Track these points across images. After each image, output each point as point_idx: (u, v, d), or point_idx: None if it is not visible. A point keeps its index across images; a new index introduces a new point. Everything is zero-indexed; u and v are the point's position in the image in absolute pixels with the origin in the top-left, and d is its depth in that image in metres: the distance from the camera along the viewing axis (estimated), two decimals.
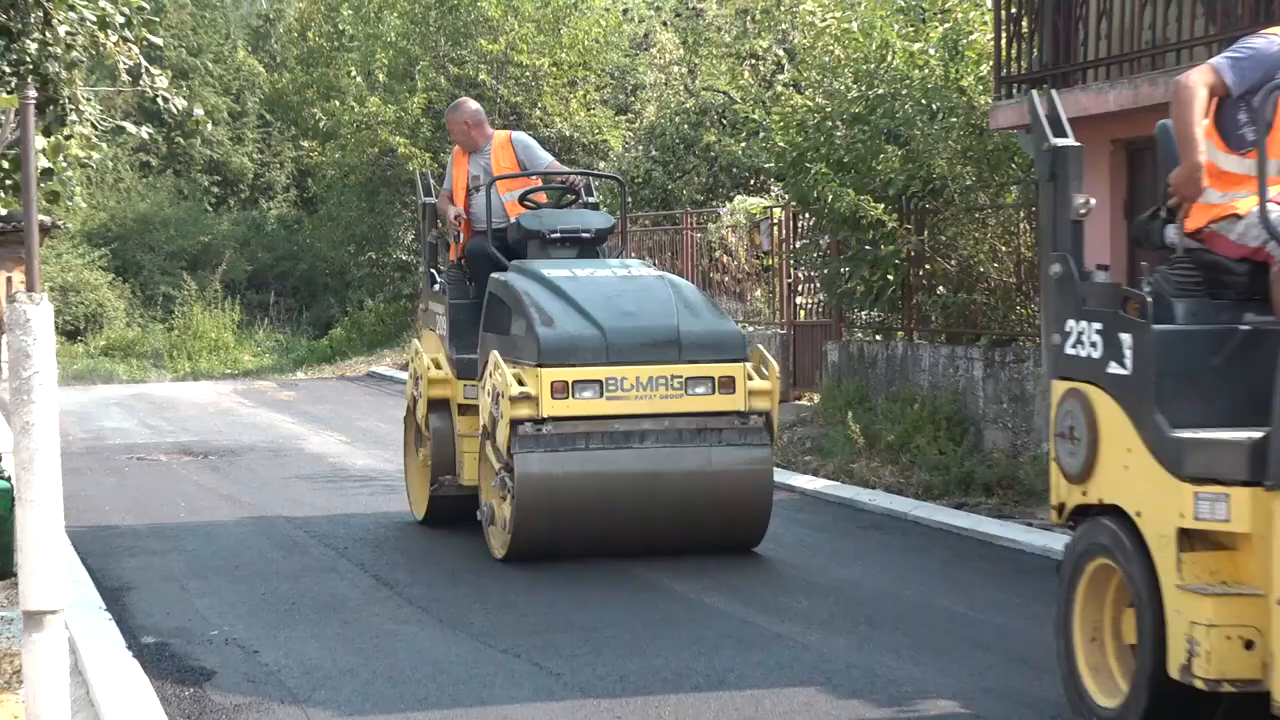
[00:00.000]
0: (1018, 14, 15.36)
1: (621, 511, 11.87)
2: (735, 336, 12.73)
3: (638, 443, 11.89)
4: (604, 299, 12.34)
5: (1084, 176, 7.99)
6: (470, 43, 36.60)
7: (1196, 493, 6.67)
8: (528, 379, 11.62)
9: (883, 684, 8.42)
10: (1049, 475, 8.03)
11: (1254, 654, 6.49)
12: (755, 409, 12.05)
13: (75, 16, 15.80)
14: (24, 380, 5.06)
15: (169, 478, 17.24)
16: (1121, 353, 7.26)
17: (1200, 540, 6.76)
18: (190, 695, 8.40)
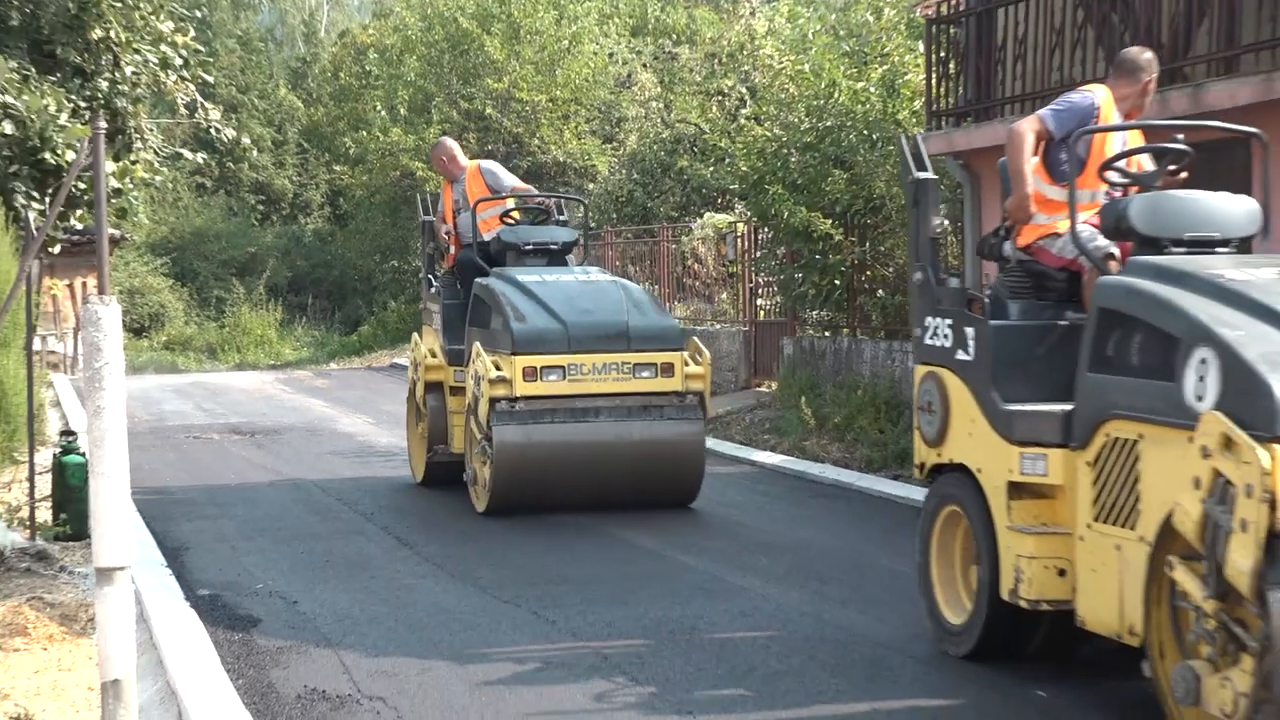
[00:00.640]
0: (945, 57, 15.37)
1: (580, 474, 12.34)
2: (675, 330, 13.27)
3: (594, 417, 12.39)
4: (567, 299, 12.82)
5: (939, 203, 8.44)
6: (478, 82, 36.62)
7: (1022, 454, 7.36)
8: (504, 365, 12.18)
9: (831, 630, 8.46)
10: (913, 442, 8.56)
11: (1065, 580, 7.16)
12: (691, 390, 12.56)
13: (140, 59, 15.74)
14: (96, 370, 5.04)
15: (221, 453, 17.20)
16: (967, 343, 7.89)
17: (1025, 491, 7.43)
18: (239, 640, 8.41)
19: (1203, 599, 5.89)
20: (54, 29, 15.01)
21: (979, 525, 7.74)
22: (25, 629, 8.48)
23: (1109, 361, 6.93)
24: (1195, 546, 5.97)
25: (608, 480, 12.45)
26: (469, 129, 36.67)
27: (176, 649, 7.84)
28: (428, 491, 13.68)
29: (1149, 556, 6.38)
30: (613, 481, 12.48)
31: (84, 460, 10.40)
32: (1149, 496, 6.46)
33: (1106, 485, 6.85)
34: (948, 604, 8.15)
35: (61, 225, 15.79)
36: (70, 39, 15.10)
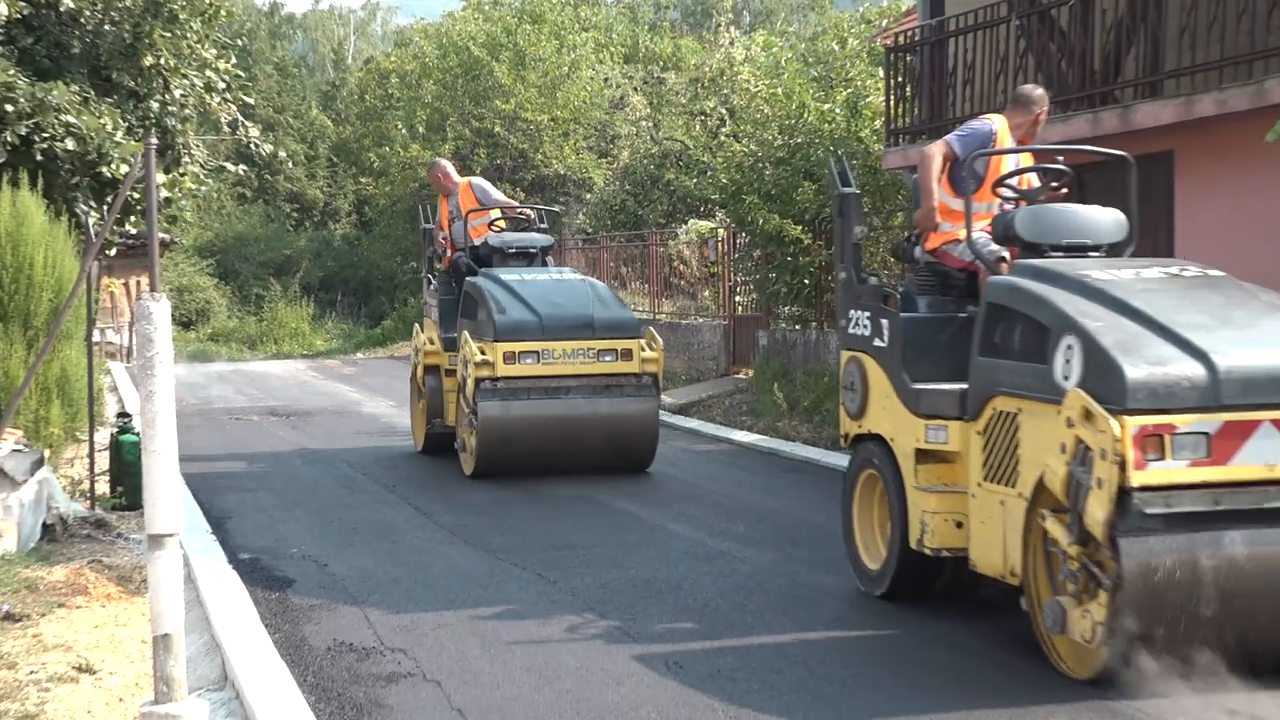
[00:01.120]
0: (902, 82, 15.38)
1: (552, 442, 12.87)
2: (632, 321, 13.72)
3: (564, 395, 12.88)
4: (542, 295, 13.30)
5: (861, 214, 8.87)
6: (488, 103, 36.57)
7: (927, 425, 7.74)
8: (488, 350, 12.68)
9: (802, 589, 8.48)
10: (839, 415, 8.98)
11: (961, 531, 7.55)
12: (646, 371, 13.09)
13: (188, 83, 15.73)
14: (148, 359, 5.04)
15: (259, 433, 17.19)
16: (882, 332, 8.24)
17: (929, 456, 7.78)
18: (275, 598, 8.42)
19: (1068, 545, 6.34)
20: (111, 56, 14.99)
21: (892, 485, 8.10)
22: (86, 588, 8.48)
23: (995, 347, 7.27)
24: (1062, 501, 6.41)
25: (575, 448, 12.93)
26: (480, 145, 36.63)
27: (220, 606, 7.85)
28: (443, 467, 13.65)
29: (1026, 510, 6.79)
30: (580, 449, 12.94)
31: (138, 439, 10.39)
32: (1026, 460, 6.84)
33: (993, 451, 7.22)
34: (866, 552, 8.51)
35: (118, 230, 15.79)
36: (125, 65, 15.08)
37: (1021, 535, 6.87)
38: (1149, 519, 6.07)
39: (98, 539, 10.19)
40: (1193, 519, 6.13)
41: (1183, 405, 6.18)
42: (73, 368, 12.86)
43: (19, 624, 7.68)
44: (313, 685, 6.60)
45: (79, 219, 14.00)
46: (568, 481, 12.66)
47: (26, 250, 12.46)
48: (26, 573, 8.86)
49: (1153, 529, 6.08)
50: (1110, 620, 6.10)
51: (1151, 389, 6.17)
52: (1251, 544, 6.14)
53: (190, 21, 15.47)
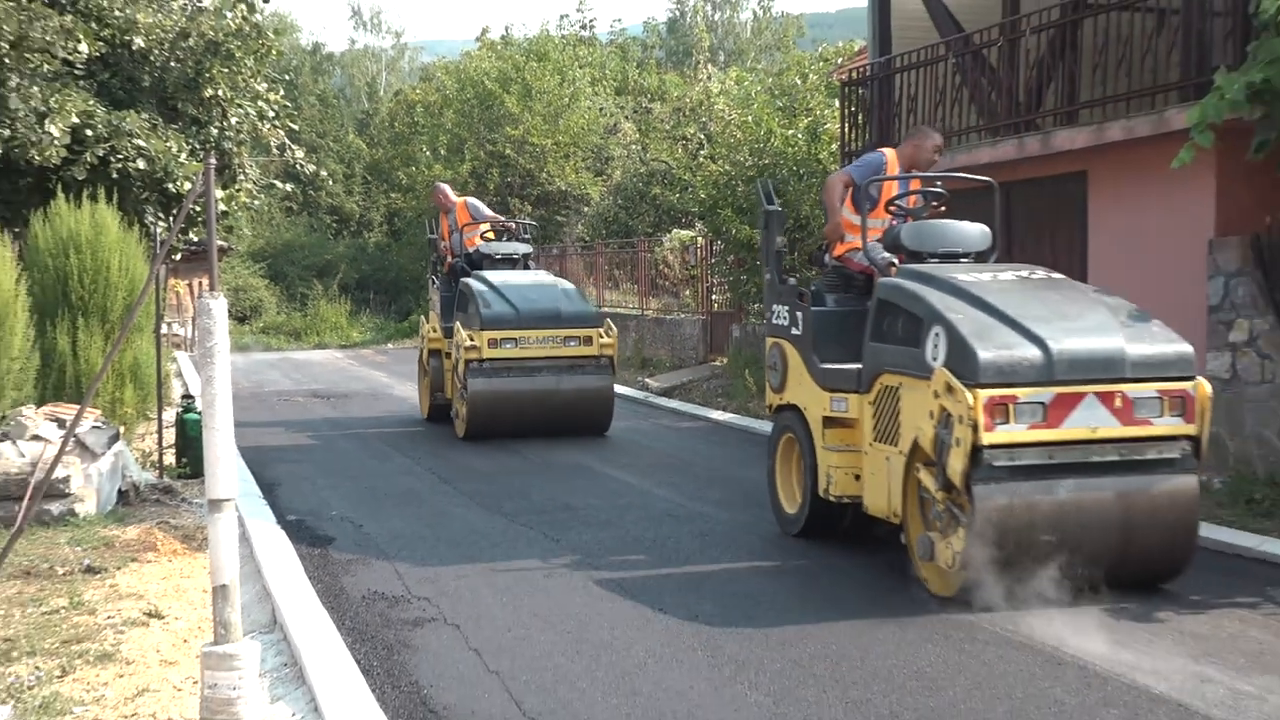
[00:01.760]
0: (855, 111, 15.37)
1: (527, 411, 13.62)
2: (593, 314, 14.44)
3: (537, 373, 13.61)
4: (520, 293, 13.92)
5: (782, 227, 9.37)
6: (500, 129, 36.59)
7: (831, 397, 8.25)
8: (476, 337, 13.44)
9: (774, 550, 8.50)
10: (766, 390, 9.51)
11: (858, 482, 8.03)
12: (603, 354, 13.78)
13: (243, 111, 15.71)
14: (207, 349, 5.02)
15: (304, 412, 17.17)
16: (798, 323, 8.74)
17: (834, 422, 8.25)
18: (318, 554, 8.41)
19: (935, 491, 6.91)
20: (176, 89, 14.95)
21: (805, 446, 8.54)
22: (155, 545, 8.48)
23: (883, 335, 7.74)
24: (931, 456, 6.95)
25: (546, 415, 13.68)
26: (493, 166, 36.60)
27: (270, 561, 7.85)
28: (460, 442, 13.66)
29: (905, 464, 7.32)
30: (549, 416, 13.69)
31: (199, 417, 10.38)
32: (905, 424, 7.36)
33: (880, 417, 7.72)
34: (785, 499, 8.99)
35: (182, 238, 15.76)
36: (189, 97, 15.05)
37: (901, 484, 7.40)
38: (997, 470, 6.67)
39: (165, 503, 10.20)
40: (1031, 470, 6.73)
41: (1023, 381, 6.73)
42: (144, 356, 12.85)
43: (98, 576, 7.68)
44: (349, 628, 6.61)
45: (148, 229, 13.97)
46: (566, 453, 12.71)
47: (104, 255, 12.44)
48: (104, 532, 8.87)
49: (1000, 478, 6.67)
50: (966, 550, 6.68)
51: (999, 368, 6.71)
52: (1077, 490, 6.76)
53: (245, 59, 15.44)
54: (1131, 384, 6.83)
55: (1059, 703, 5.39)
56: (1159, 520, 6.88)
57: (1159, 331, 7.14)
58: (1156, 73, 10.94)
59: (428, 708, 5.45)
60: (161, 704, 5.40)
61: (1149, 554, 6.97)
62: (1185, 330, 10.45)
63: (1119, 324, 7.08)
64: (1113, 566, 6.87)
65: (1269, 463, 9.57)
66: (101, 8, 14.00)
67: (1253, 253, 9.83)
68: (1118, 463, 6.83)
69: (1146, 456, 6.87)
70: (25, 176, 13.74)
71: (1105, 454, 6.80)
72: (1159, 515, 6.87)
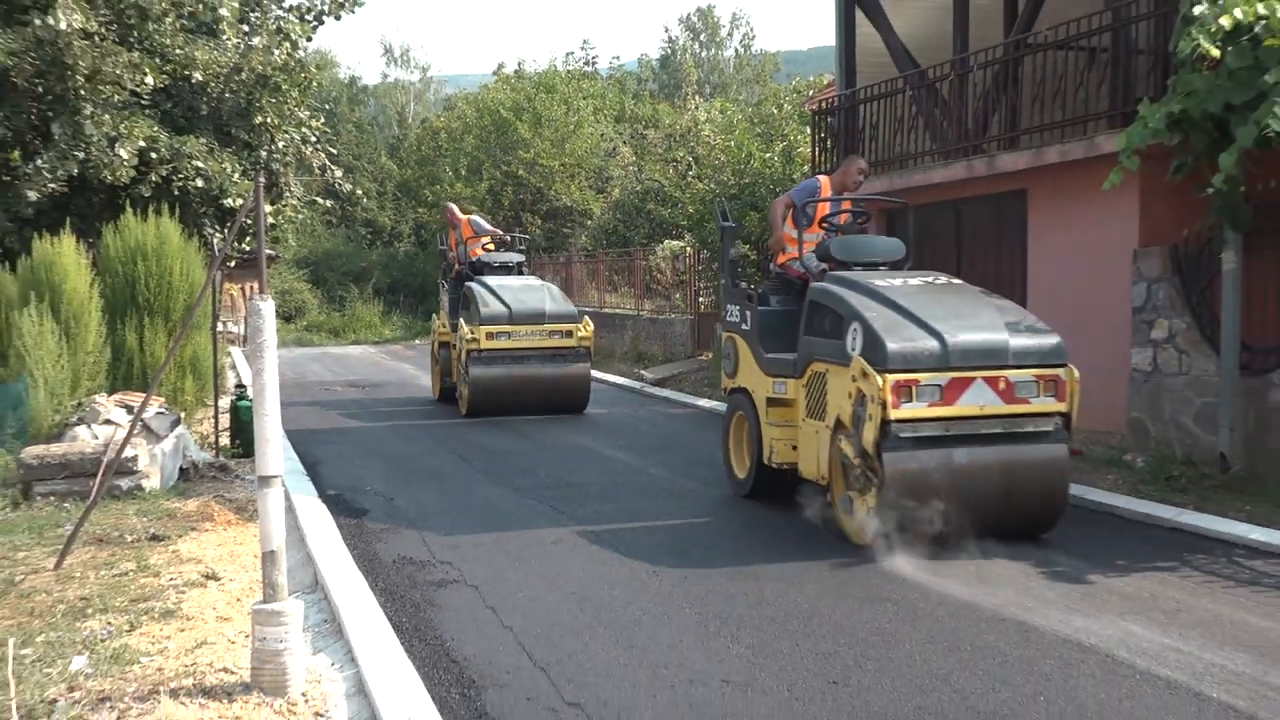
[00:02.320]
0: (825, 138, 15.35)
1: (519, 394, 14.27)
2: (573, 312, 14.72)
3: (526, 361, 14.26)
4: (513, 295, 14.52)
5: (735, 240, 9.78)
6: (514, 152, 36.58)
7: (774, 381, 8.61)
8: (475, 332, 14.13)
9: (754, 522, 8.46)
10: (720, 377, 9.90)
11: (795, 451, 8.43)
12: (581, 345, 14.41)
13: (289, 137, 15.68)
14: (258, 344, 5.01)
15: (342, 399, 17.15)
16: (747, 319, 9.13)
17: (775, 403, 8.61)
18: (354, 524, 8.40)
19: (853, 457, 7.33)
20: (230, 117, 14.91)
21: (752, 422, 8.92)
22: (212, 516, 8.47)
23: (814, 330, 8.09)
24: (850, 429, 7.41)
25: (533, 396, 14.33)
26: (507, 184, 36.56)
27: (313, 530, 7.85)
28: (476, 427, 13.66)
29: (830, 436, 7.76)
30: (536, 397, 14.34)
31: (250, 404, 10.37)
32: (830, 403, 7.79)
33: (811, 398, 8.12)
34: (737, 466, 9.38)
35: (235, 248, 15.70)
36: (241, 124, 15.01)
37: (828, 452, 7.82)
38: (902, 440, 7.11)
39: (221, 479, 10.19)
40: (931, 440, 7.17)
41: (924, 367, 7.16)
42: (202, 351, 12.83)
43: (161, 543, 7.67)
44: (381, 589, 6.60)
45: (206, 239, 13.94)
46: (570, 435, 12.68)
47: (167, 262, 12.42)
48: (167, 504, 8.86)
49: (905, 447, 7.11)
50: (878, 506, 7.14)
51: (904, 357, 7.15)
52: (969, 457, 7.18)
53: (290, 91, 15.40)
54: (1013, 370, 7.29)
55: (1002, 654, 5.39)
56: (1035, 482, 7.33)
57: (1036, 327, 7.58)
58: (1088, 103, 10.94)
59: (450, 658, 5.44)
60: (217, 655, 5.39)
61: (1027, 509, 7.42)
62: (1112, 329, 10.50)
63: (1004, 322, 7.53)
64: (998, 520, 7.31)
65: (1185, 445, 9.59)
66: (164, 45, 13.95)
67: (1171, 262, 9.84)
68: (1001, 434, 7.28)
69: (1025, 429, 7.33)
70: (98, 194, 13.71)
71: (991, 427, 7.26)
72: (1035, 478, 7.32)
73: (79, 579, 6.74)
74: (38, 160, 12.77)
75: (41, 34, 12.34)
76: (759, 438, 8.74)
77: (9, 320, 10.94)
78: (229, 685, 4.96)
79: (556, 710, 4.78)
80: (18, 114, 12.87)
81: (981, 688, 4.97)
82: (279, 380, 5.13)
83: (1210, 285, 9.48)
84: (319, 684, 5.10)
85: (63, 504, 8.80)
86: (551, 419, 14.07)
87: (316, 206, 19.63)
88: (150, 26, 13.80)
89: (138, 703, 4.73)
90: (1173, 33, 9.08)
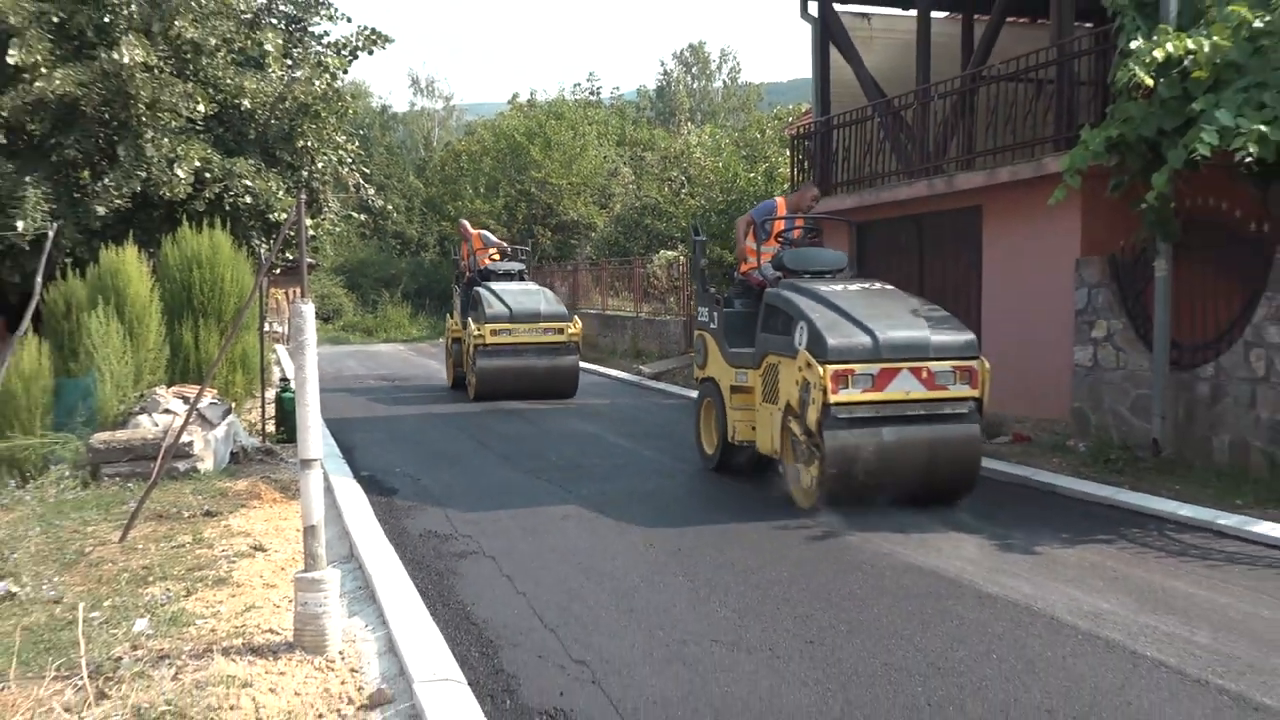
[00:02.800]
0: (802, 159, 15.33)
1: (518, 381, 14.88)
2: (564, 312, 15.28)
3: (523, 354, 14.89)
4: (513, 298, 15.15)
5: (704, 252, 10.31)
6: (526, 172, 36.54)
7: (736, 371, 8.94)
8: (481, 329, 14.74)
9: (741, 499, 8.45)
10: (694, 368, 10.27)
11: (754, 431, 8.77)
12: (571, 340, 15.01)
13: (327, 158, 15.65)
14: (300, 342, 5.00)
15: (374, 391, 17.14)
16: (715, 319, 9.42)
17: (738, 390, 8.94)
18: (385, 501, 8.40)
19: (800, 434, 7.68)
20: (275, 141, 14.89)
21: (719, 406, 9.24)
22: (259, 495, 8.47)
23: (769, 328, 8.43)
24: (797, 411, 7.73)
25: (530, 384, 14.91)
26: (520, 201, 36.53)
27: (349, 506, 7.84)
28: (491, 416, 13.65)
29: (781, 417, 8.07)
30: (532, 384, 14.92)
31: (293, 395, 10.37)
32: (781, 390, 8.11)
33: (766, 385, 8.43)
34: (706, 444, 9.69)
35: (280, 257, 15.68)
36: (285, 147, 14.98)
37: (780, 431, 8.11)
38: (840, 420, 7.42)
39: (267, 462, 10.18)
40: (864, 420, 7.48)
41: (859, 359, 7.51)
42: (250, 348, 12.82)
43: (214, 518, 7.67)
44: (409, 559, 6.60)
45: (253, 249, 13.91)
46: (576, 423, 12.64)
47: (219, 269, 12.40)
48: (219, 484, 8.85)
49: (842, 426, 7.41)
50: (820, 476, 7.46)
51: (841, 351, 7.50)
52: (896, 434, 7.48)
53: (329, 117, 15.38)
54: (934, 361, 7.61)
55: (959, 617, 5.39)
56: (952, 456, 7.60)
57: (954, 326, 7.89)
58: (1035, 129, 10.93)
59: (470, 621, 5.44)
60: (264, 617, 5.39)
61: (946, 479, 7.68)
62: (1057, 329, 10.49)
63: (927, 321, 7.87)
64: (921, 488, 7.62)
65: (1121, 431, 9.59)
66: (216, 77, 13.94)
67: (1110, 269, 9.84)
68: (924, 415, 7.60)
69: (944, 412, 7.62)
70: (158, 209, 13.70)
71: (915, 410, 7.57)
72: (952, 453, 7.60)
73: (141, 550, 6.73)
74: (105, 179, 12.77)
75: (108, 67, 12.34)
76: (724, 419, 9.10)
77: (79, 321, 10.93)
78: (274, 644, 4.96)
79: (564, 667, 4.78)
80: (87, 138, 12.87)
81: (941, 646, 4.98)
82: (318, 374, 5.13)
83: (1144, 290, 9.48)
84: (354, 643, 5.10)
85: (127, 484, 8.80)
86: (560, 409, 14.04)
87: (352, 220, 19.58)
88: (204, 60, 13.77)
89: (194, 660, 4.73)
90: (1111, 65, 9.09)
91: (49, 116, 12.67)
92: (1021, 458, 9.80)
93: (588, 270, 29.25)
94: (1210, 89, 8.06)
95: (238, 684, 4.42)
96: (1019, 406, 10.90)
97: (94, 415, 10.20)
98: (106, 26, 12.87)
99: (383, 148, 48.90)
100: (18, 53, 11.95)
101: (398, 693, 4.47)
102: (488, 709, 4.30)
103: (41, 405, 10.00)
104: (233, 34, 14.13)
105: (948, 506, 7.70)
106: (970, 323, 11.65)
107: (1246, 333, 8.45)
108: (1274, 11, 8.09)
